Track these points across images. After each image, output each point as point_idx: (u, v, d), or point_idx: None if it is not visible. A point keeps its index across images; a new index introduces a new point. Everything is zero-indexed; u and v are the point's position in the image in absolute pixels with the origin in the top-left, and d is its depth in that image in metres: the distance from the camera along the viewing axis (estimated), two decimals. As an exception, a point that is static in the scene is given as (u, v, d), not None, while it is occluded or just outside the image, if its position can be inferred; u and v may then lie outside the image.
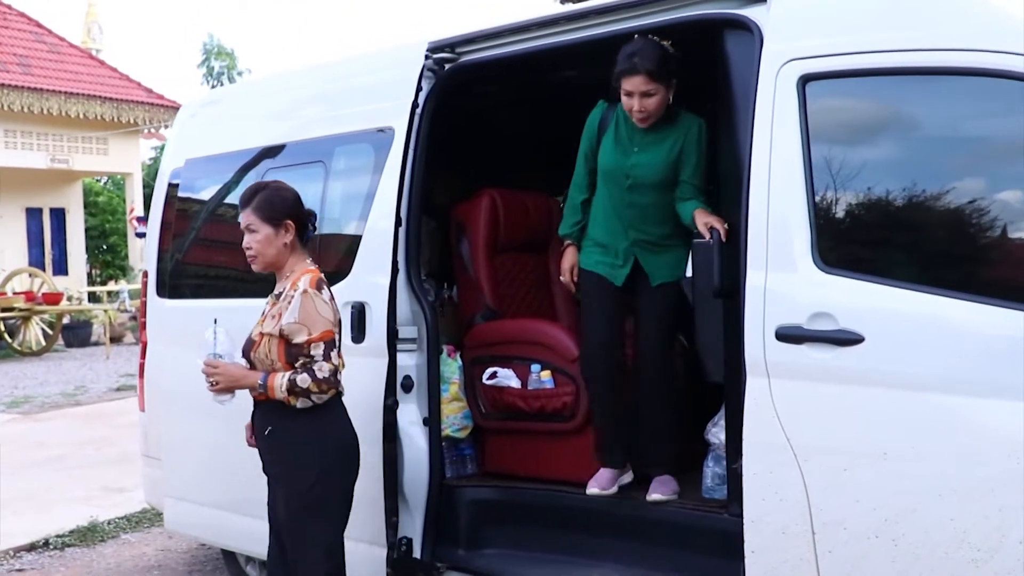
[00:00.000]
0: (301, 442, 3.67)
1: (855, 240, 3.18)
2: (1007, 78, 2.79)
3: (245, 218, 3.75)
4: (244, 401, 3.88)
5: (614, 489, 4.01)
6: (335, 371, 3.62)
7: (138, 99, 24.24)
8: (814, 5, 3.28)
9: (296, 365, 3.62)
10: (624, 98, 3.90)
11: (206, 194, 5.37)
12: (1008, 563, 2.74)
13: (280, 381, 3.60)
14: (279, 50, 71.85)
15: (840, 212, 3.17)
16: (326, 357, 3.60)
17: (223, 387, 3.79)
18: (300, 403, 3.60)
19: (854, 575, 3.01)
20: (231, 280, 5.14)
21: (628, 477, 4.10)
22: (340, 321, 3.76)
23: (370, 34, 76.36)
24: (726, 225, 3.53)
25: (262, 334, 3.71)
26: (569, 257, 4.27)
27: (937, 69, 2.96)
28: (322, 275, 3.76)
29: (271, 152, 4.93)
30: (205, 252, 5.36)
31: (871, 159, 3.14)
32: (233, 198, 5.11)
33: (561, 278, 4.29)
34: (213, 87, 41.36)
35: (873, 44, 3.07)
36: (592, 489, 4.00)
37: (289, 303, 3.65)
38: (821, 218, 3.12)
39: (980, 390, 2.79)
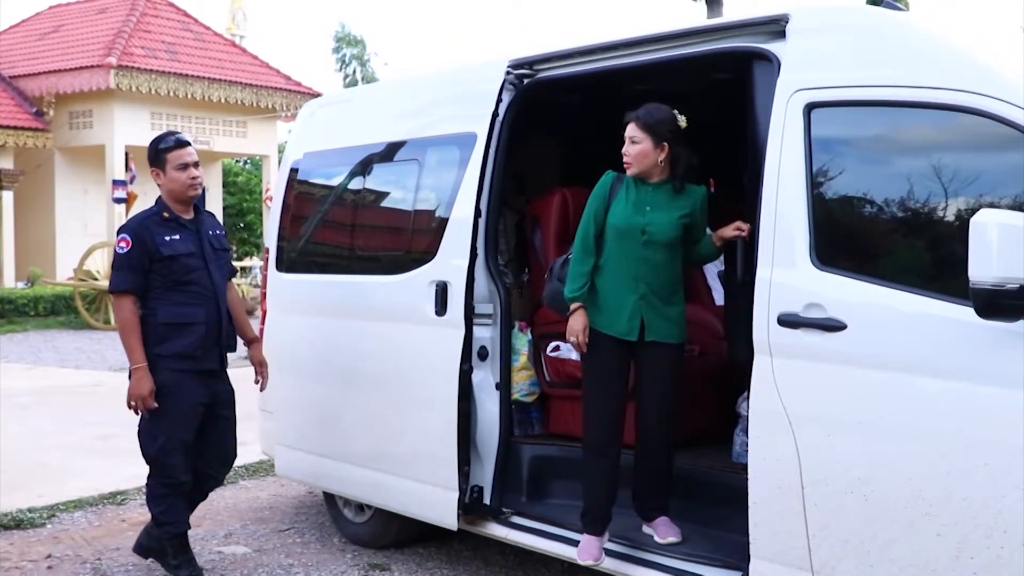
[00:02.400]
0: None
1: (844, 243, 3.73)
2: (966, 112, 3.33)
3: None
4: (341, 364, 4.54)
5: (604, 559, 4.31)
6: None
7: (276, 85, 25.47)
8: (821, 43, 3.82)
9: None
10: (624, 148, 4.35)
11: (320, 183, 6.14)
12: (953, 516, 3.28)
13: None
14: (407, 35, 73.47)
15: (833, 219, 3.73)
16: None
17: None
18: None
19: (833, 523, 3.58)
20: (339, 258, 5.89)
21: (606, 538, 4.40)
22: None
23: (491, 21, 77.37)
24: (748, 226, 4.10)
25: None
26: (580, 319, 4.36)
27: (913, 103, 3.50)
28: None
29: (375, 149, 5.65)
30: (318, 232, 6.11)
31: (860, 176, 3.69)
32: (343, 187, 5.87)
33: (570, 339, 4.40)
34: (345, 73, 42.84)
35: (866, 80, 3.62)
36: (587, 561, 4.31)
37: None
38: (818, 224, 3.68)
39: (936, 372, 3.32)
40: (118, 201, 22.24)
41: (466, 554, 5.63)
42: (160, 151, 5.09)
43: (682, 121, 4.30)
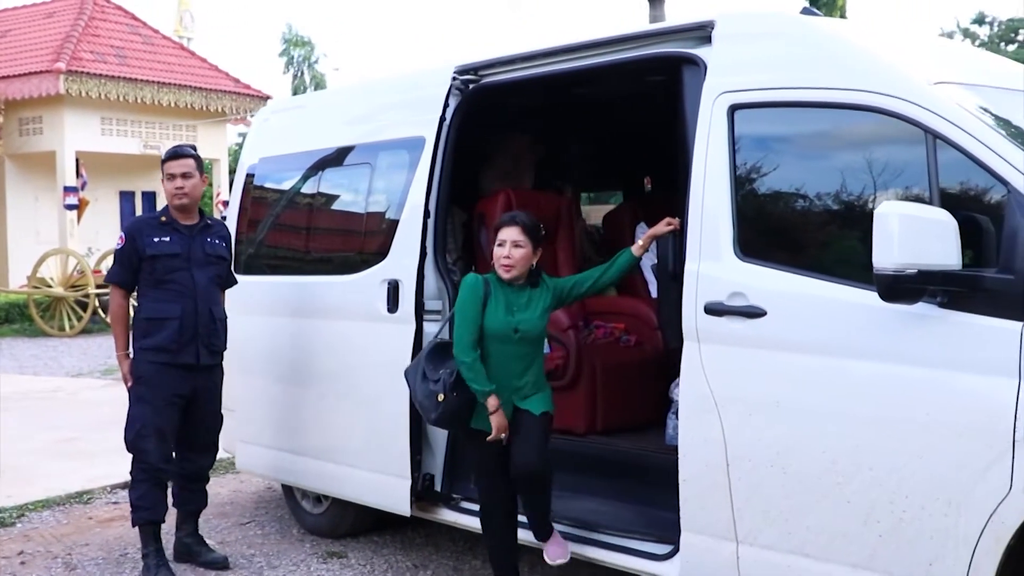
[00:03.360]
0: None
1: (765, 236, 4.02)
2: (873, 112, 3.63)
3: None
4: (298, 361, 4.78)
5: None
6: None
7: (225, 88, 25.47)
8: (744, 48, 4.10)
9: None
10: (496, 248, 4.46)
11: (275, 187, 6.36)
12: (862, 486, 3.58)
13: None
14: (357, 37, 73.39)
15: (755, 214, 4.02)
16: None
17: None
18: None
19: (755, 497, 3.87)
20: (295, 260, 6.12)
21: None
22: None
23: (439, 16, 77.48)
24: (677, 221, 4.37)
25: None
26: (502, 419, 4.40)
27: (826, 103, 3.80)
28: None
29: (328, 154, 5.89)
30: (274, 235, 6.33)
31: (779, 173, 3.99)
32: (297, 191, 6.10)
33: (500, 436, 4.41)
34: (294, 75, 42.80)
35: (784, 82, 3.92)
36: None
37: None
38: (741, 218, 3.97)
39: (846, 353, 3.62)
40: (69, 208, 22.18)
41: (419, 541, 5.88)
42: (161, 162, 5.54)
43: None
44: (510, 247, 4.42)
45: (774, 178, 4.01)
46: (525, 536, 4.60)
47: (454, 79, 5.19)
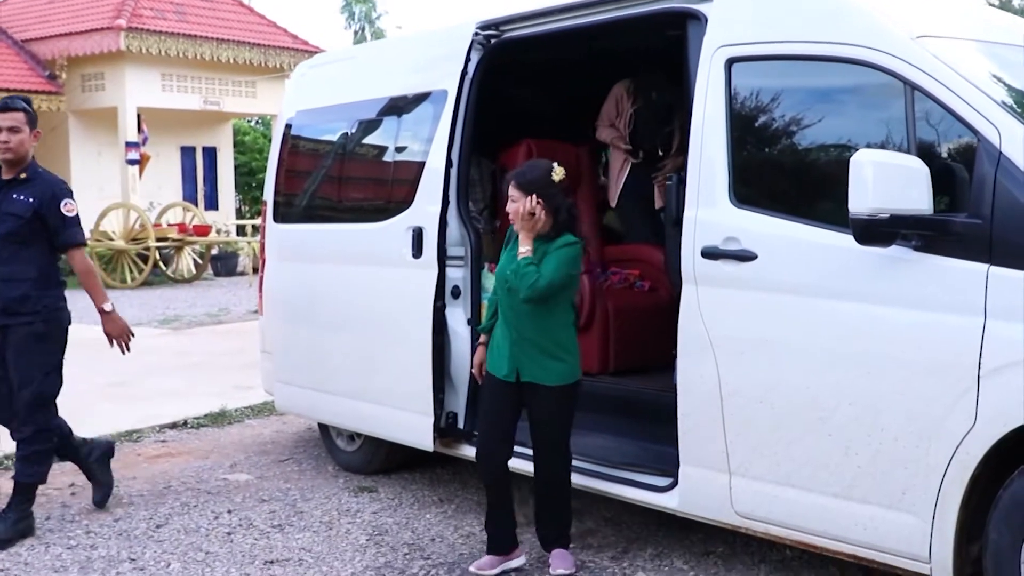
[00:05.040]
0: None
1: (758, 183, 4.21)
2: (857, 64, 3.80)
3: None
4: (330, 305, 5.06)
5: (496, 571, 4.61)
6: None
7: (284, 45, 25.77)
8: (739, 4, 4.27)
9: None
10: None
11: (311, 138, 6.64)
12: (842, 419, 3.79)
13: None
14: (421, -7, 73.22)
15: (749, 162, 4.21)
16: None
17: None
18: None
19: (746, 431, 4.09)
20: (328, 208, 6.40)
21: (517, 561, 4.68)
22: None
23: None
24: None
25: None
26: (479, 355, 4.81)
27: (815, 56, 3.97)
28: None
29: (360, 106, 6.13)
30: (309, 185, 6.60)
31: (772, 123, 4.17)
32: (330, 143, 6.38)
33: (472, 370, 4.88)
34: (355, 31, 42.88)
35: (778, 36, 4.10)
36: (473, 570, 4.62)
37: None
38: (736, 166, 4.16)
39: (829, 293, 3.82)
40: (131, 163, 22.72)
41: (446, 477, 6.17)
42: None
43: (557, 174, 4.45)
44: (508, 203, 4.51)
45: (766, 128, 4.19)
46: (526, 467, 4.77)
47: (476, 34, 5.39)
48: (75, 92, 23.65)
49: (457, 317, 5.44)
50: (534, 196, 4.39)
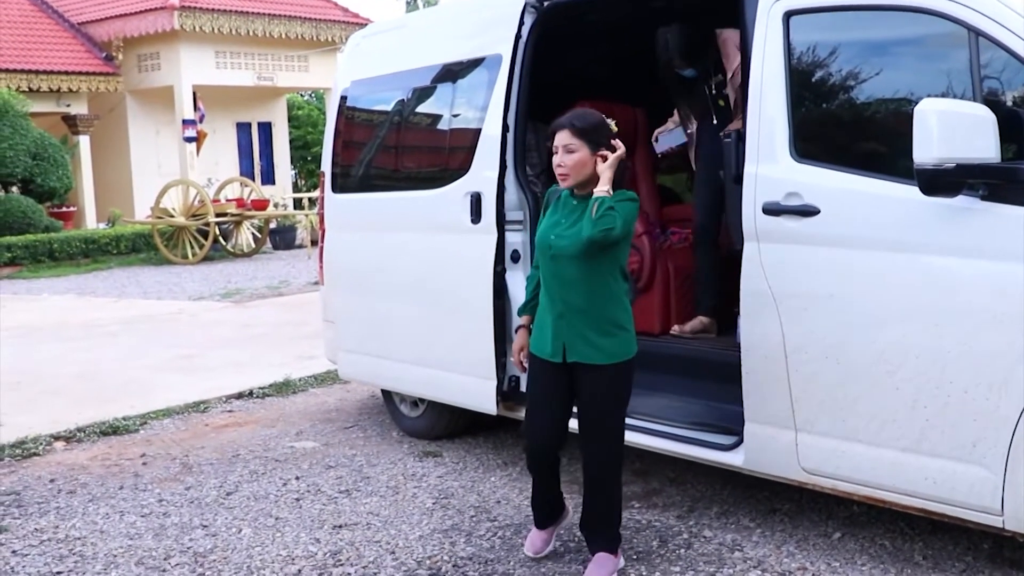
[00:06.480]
0: None
1: (819, 137, 4.16)
2: (916, 12, 3.73)
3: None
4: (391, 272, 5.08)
5: (549, 548, 4.40)
6: None
7: (335, 18, 25.92)
8: (797, -44, 4.22)
9: None
10: (553, 158, 4.07)
11: (366, 108, 6.66)
12: (909, 372, 3.76)
13: None
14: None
15: (809, 116, 4.17)
16: None
17: None
18: None
19: (810, 387, 4.07)
20: (386, 177, 6.42)
21: (567, 521, 4.51)
22: None
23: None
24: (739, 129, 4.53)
25: None
26: (519, 340, 4.39)
27: (871, 6, 3.92)
28: None
29: (415, 74, 6.14)
30: (366, 154, 6.63)
31: (832, 76, 4.11)
32: (386, 111, 6.40)
33: (511, 359, 4.66)
34: (408, 0, 42.79)
35: (836, -14, 4.03)
36: (529, 552, 4.40)
37: None
38: (796, 121, 4.12)
39: (893, 246, 3.78)
40: (188, 140, 23.02)
41: (510, 441, 6.21)
42: None
43: (613, 125, 4.10)
44: (562, 153, 4.01)
45: (826, 82, 4.13)
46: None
47: (530, -3, 5.37)
48: (132, 72, 23.98)
49: (517, 281, 5.44)
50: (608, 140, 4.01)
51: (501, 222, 5.35)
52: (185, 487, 5.67)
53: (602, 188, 3.92)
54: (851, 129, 4.11)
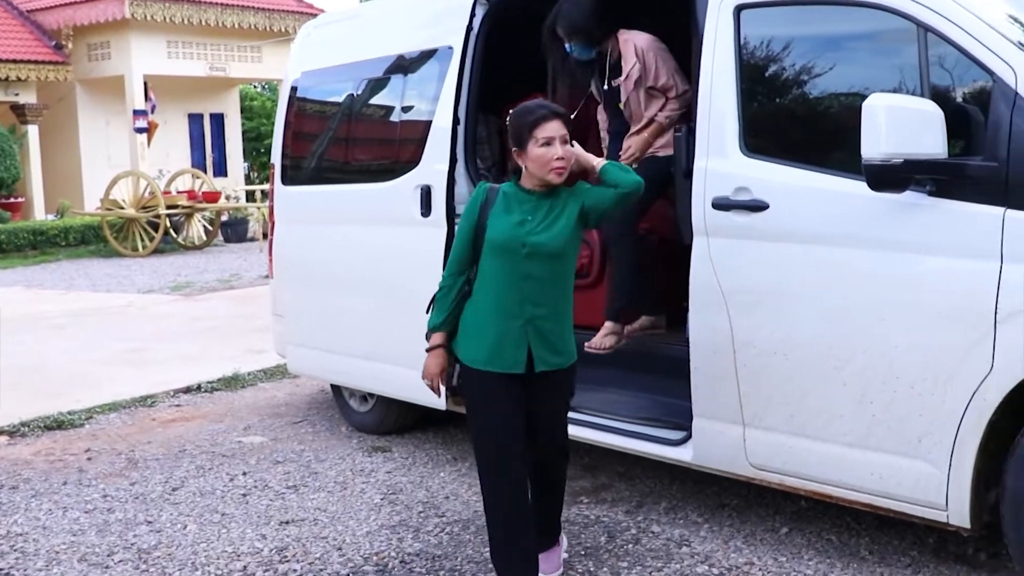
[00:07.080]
0: None
1: (768, 132, 4.15)
2: (866, 7, 3.73)
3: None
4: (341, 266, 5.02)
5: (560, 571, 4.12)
6: None
7: (289, 8, 25.68)
8: (747, -51, 4.21)
9: None
10: (543, 149, 3.66)
11: (316, 100, 6.59)
12: (857, 367, 3.76)
13: None
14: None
15: (759, 111, 4.16)
16: None
17: None
18: None
19: (759, 382, 4.07)
20: (336, 169, 6.36)
21: (564, 545, 4.24)
22: None
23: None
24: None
25: None
26: (439, 360, 3.90)
27: (828, 0, 3.91)
28: None
29: (365, 66, 6.07)
30: (316, 146, 6.56)
31: (782, 70, 4.10)
32: (336, 103, 6.33)
33: (424, 381, 3.96)
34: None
35: (786, -21, 4.03)
36: None
37: None
38: (746, 116, 4.11)
39: (841, 241, 3.78)
40: (139, 131, 22.72)
41: (459, 436, 6.17)
42: None
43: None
44: (559, 145, 3.67)
45: (777, 76, 4.13)
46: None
47: (481, -12, 5.32)
48: (82, 62, 23.61)
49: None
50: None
51: (451, 215, 5.30)
52: (130, 482, 5.57)
53: (600, 161, 3.88)
54: (801, 124, 4.11)
